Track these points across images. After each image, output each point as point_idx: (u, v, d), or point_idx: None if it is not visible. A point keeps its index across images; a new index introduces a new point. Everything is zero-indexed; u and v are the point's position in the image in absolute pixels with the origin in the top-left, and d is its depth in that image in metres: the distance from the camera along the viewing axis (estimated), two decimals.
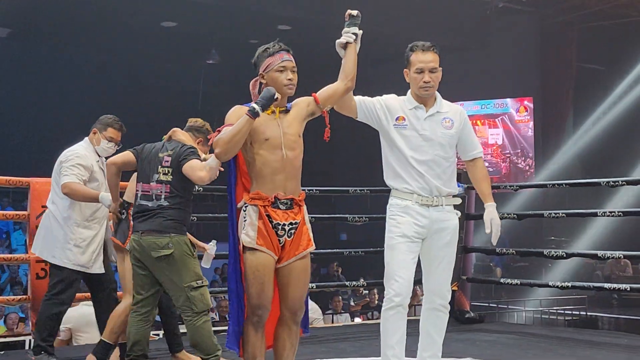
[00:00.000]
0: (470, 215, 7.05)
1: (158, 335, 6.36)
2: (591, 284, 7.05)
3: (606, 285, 6.95)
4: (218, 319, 9.85)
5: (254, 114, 3.44)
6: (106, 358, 4.68)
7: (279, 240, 3.54)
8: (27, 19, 13.38)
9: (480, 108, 16.63)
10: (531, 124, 16.16)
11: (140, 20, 13.77)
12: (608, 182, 6.42)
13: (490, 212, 3.88)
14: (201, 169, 4.05)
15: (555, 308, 10.76)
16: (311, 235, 3.65)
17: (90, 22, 13.55)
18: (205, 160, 4.13)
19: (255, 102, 3.48)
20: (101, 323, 4.86)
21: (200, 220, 6.51)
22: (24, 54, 15.04)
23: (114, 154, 4.88)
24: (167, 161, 4.28)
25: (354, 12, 3.76)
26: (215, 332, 6.75)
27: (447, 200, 3.87)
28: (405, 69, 3.93)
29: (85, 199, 4.71)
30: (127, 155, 4.47)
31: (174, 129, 4.60)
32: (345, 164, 17.95)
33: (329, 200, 15.42)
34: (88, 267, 4.75)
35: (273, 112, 3.57)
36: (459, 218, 3.97)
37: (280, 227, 3.53)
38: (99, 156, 5.03)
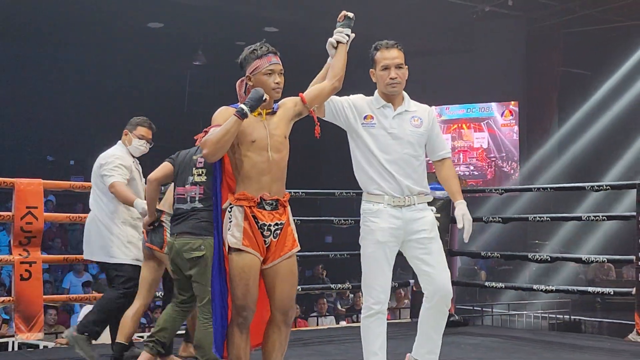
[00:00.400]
0: (455, 219, 7.06)
1: (142, 337, 6.33)
2: (575, 288, 7.09)
3: (590, 289, 6.99)
4: None
5: (242, 115, 3.44)
6: (122, 358, 4.74)
7: (265, 241, 3.54)
8: (11, 19, 13.30)
9: (466, 112, 16.68)
10: (516, 127, 16.21)
11: (126, 21, 13.71)
12: (592, 186, 6.46)
13: (461, 209, 3.84)
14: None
15: (539, 311, 10.81)
16: (296, 236, 3.65)
17: (75, 22, 13.49)
18: None
19: (244, 103, 3.48)
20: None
21: None
22: (7, 55, 14.96)
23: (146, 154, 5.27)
24: (201, 162, 4.37)
25: (350, 14, 3.78)
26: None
27: (419, 199, 3.84)
28: (371, 70, 3.92)
29: (125, 201, 4.82)
30: (166, 166, 4.59)
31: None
32: (331, 167, 17.95)
33: (314, 203, 15.42)
34: (142, 261, 4.85)
35: (260, 113, 3.57)
36: (442, 221, 3.97)
37: (266, 227, 3.53)
38: (133, 157, 5.21)
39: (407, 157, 3.82)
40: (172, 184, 4.58)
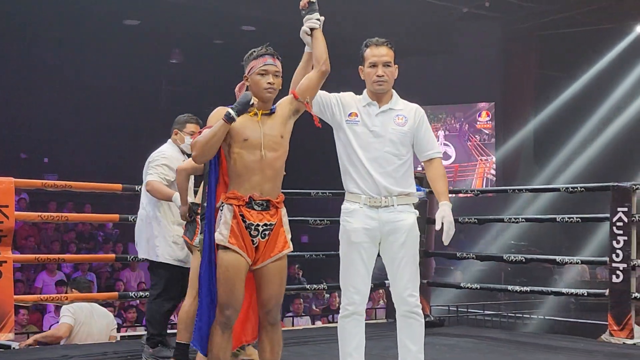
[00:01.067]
0: (431, 219, 7.06)
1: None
2: (549, 289, 7.12)
3: (564, 290, 7.01)
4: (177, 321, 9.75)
5: (229, 119, 3.47)
6: (186, 358, 4.77)
7: (252, 241, 3.53)
8: None
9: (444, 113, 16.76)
10: (493, 129, 16.30)
11: (102, 18, 13.61)
12: (567, 188, 6.49)
13: (444, 210, 3.74)
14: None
15: (513, 312, 10.85)
16: (288, 237, 3.65)
17: (50, 18, 13.38)
18: None
19: (231, 107, 3.49)
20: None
21: None
22: None
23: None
24: None
25: None
26: (174, 334, 6.71)
27: (400, 200, 3.77)
28: (360, 66, 3.88)
29: (163, 197, 4.86)
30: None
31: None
32: (307, 166, 17.93)
33: (290, 203, 15.37)
34: (185, 262, 4.86)
35: (255, 114, 3.58)
36: (419, 221, 3.90)
37: (253, 227, 3.53)
38: (185, 155, 5.17)
39: (387, 156, 3.76)
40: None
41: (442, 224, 3.72)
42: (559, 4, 14.78)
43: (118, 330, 8.59)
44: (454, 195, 5.80)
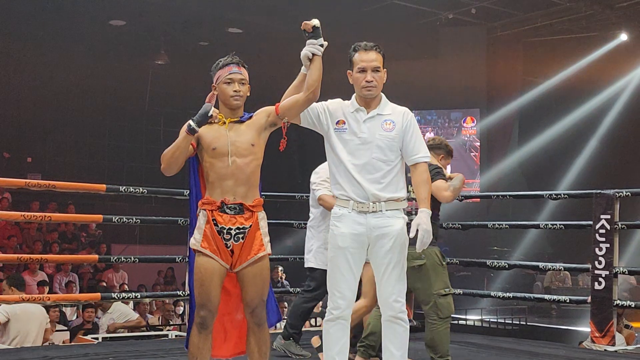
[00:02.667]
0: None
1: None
2: (531, 295, 7.15)
3: (546, 296, 7.05)
4: (160, 323, 9.72)
5: (189, 130, 3.58)
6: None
7: (226, 245, 3.60)
8: None
9: (429, 118, 16.78)
10: (477, 135, 16.35)
11: (88, 18, 13.55)
12: (551, 194, 6.53)
13: (420, 217, 3.71)
14: (446, 189, 4.61)
15: (495, 317, 10.87)
16: (265, 240, 3.70)
17: (35, 17, 13.28)
18: (450, 178, 4.71)
19: (192, 119, 3.59)
20: None
21: (143, 223, 6.41)
22: None
23: None
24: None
25: (317, 23, 3.72)
26: (157, 336, 6.70)
27: (388, 206, 3.74)
28: (348, 70, 3.86)
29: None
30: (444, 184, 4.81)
31: None
32: (292, 170, 17.91)
33: (274, 206, 15.37)
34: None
35: (224, 122, 3.67)
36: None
37: (225, 231, 3.59)
38: None
39: (375, 162, 3.74)
40: None
41: (417, 231, 3.70)
42: (543, 11, 14.85)
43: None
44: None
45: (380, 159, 3.76)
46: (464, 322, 10.82)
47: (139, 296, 7.15)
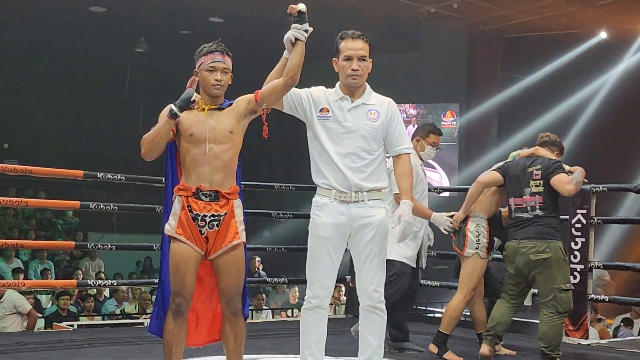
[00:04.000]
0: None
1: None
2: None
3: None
4: (137, 311, 9.70)
5: (172, 115, 3.55)
6: (445, 345, 5.22)
7: (200, 232, 3.58)
8: None
9: (411, 112, 16.82)
10: (457, 129, 16.42)
11: (67, 3, 13.43)
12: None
13: (403, 209, 3.73)
14: (568, 183, 4.74)
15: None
16: (240, 228, 3.66)
17: (13, 3, 13.14)
18: (570, 172, 4.83)
19: (174, 103, 3.56)
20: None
21: (120, 211, 6.39)
22: None
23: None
24: (537, 175, 4.86)
25: (303, 7, 3.69)
26: (132, 324, 6.69)
27: (371, 195, 3.74)
28: (334, 58, 3.84)
29: (421, 215, 5.14)
30: (494, 175, 5.11)
31: (536, 147, 5.12)
32: (271, 160, 17.91)
33: (253, 195, 15.36)
34: (412, 261, 5.10)
35: (203, 109, 3.64)
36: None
37: (200, 218, 3.58)
38: (422, 160, 5.42)
39: (358, 151, 3.73)
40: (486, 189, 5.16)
41: (399, 222, 3.72)
42: (524, 8, 14.92)
43: (77, 319, 8.55)
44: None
45: (364, 148, 3.75)
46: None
47: (115, 284, 7.10)
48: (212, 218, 3.58)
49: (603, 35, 15.08)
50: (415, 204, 4.60)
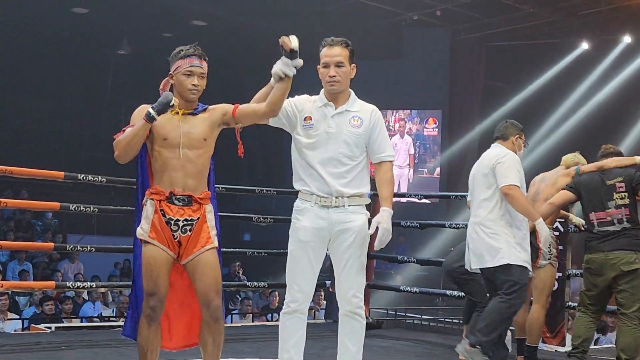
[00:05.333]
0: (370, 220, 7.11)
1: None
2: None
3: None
4: (114, 315, 9.66)
5: (149, 119, 3.50)
6: (537, 358, 5.25)
7: (173, 236, 3.57)
8: None
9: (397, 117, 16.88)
10: (439, 136, 16.48)
11: (49, 4, 13.36)
12: None
13: (382, 216, 3.71)
14: None
15: (450, 317, 10.97)
16: (212, 233, 3.63)
17: None
18: None
19: (152, 107, 3.53)
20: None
21: (100, 212, 6.37)
22: None
23: None
24: (621, 187, 4.91)
25: (296, 45, 3.50)
26: (111, 327, 6.66)
27: (351, 201, 3.75)
28: (318, 66, 3.85)
29: (524, 211, 4.72)
30: (567, 194, 5.09)
31: (606, 160, 5.08)
32: (253, 164, 17.88)
33: (234, 199, 15.34)
34: (529, 264, 4.79)
35: (177, 112, 3.61)
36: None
37: (173, 222, 3.56)
38: None
39: (340, 157, 3.74)
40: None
41: (377, 229, 3.70)
42: (507, 16, 15.02)
43: (57, 321, 8.50)
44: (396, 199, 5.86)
45: (346, 154, 3.76)
46: (419, 321, 10.93)
47: (94, 286, 7.06)
48: (185, 222, 3.57)
49: (585, 45, 15.20)
50: (526, 205, 4.68)
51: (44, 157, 14.75)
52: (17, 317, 8.88)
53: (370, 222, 3.80)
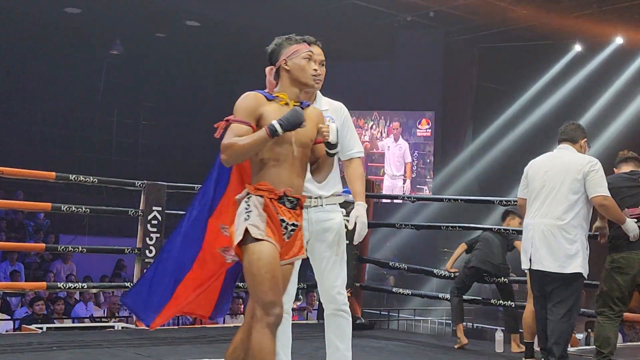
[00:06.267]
0: (367, 223, 7.10)
1: None
2: (479, 298, 7.22)
3: (492, 300, 7.13)
4: (105, 315, 9.64)
5: (273, 134, 3.08)
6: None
7: (283, 237, 3.22)
8: None
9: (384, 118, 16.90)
10: (432, 137, 16.51)
11: (42, 4, 13.33)
12: (501, 201, 6.59)
13: (358, 210, 3.70)
14: None
15: (443, 318, 11.02)
16: (303, 242, 3.34)
17: None
18: None
19: (278, 122, 3.08)
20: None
21: (92, 213, 6.36)
22: None
23: None
24: None
25: (334, 137, 3.27)
26: (102, 327, 6.64)
27: (328, 201, 3.76)
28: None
29: (617, 218, 4.78)
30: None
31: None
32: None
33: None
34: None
35: (287, 103, 3.24)
36: (348, 223, 3.81)
37: (284, 224, 3.20)
38: None
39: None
40: None
41: (355, 223, 3.70)
42: (499, 18, 15.06)
43: (48, 322, 8.47)
44: (390, 201, 5.83)
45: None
46: (412, 321, 10.98)
47: (85, 286, 7.05)
48: (292, 227, 3.22)
49: (577, 47, 15.27)
50: (619, 212, 4.71)
51: (35, 158, 14.73)
52: (9, 317, 8.85)
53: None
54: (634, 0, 13.44)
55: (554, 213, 4.72)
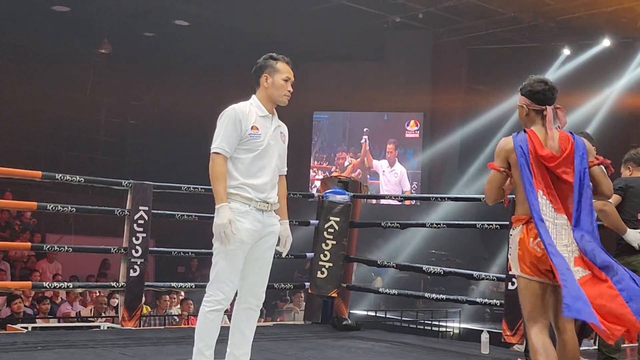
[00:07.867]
0: (354, 223, 7.12)
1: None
2: (465, 298, 7.23)
3: (479, 299, 7.15)
4: (92, 315, 9.59)
5: None
6: None
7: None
8: None
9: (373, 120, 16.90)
10: (421, 138, 16.52)
11: (30, 2, 13.26)
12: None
13: (287, 228, 4.16)
14: None
15: (431, 319, 11.01)
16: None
17: None
18: None
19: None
20: None
21: (79, 212, 6.33)
22: None
23: None
24: None
25: None
26: (88, 327, 6.58)
27: (274, 207, 4.08)
28: (265, 74, 4.03)
29: (615, 226, 4.91)
30: (617, 197, 4.97)
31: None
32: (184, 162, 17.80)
33: (161, 196, 15.25)
34: None
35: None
36: (341, 225, 3.99)
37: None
38: None
39: (275, 169, 4.04)
40: None
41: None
42: (488, 20, 15.10)
43: (32, 321, 8.43)
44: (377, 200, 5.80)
45: (278, 166, 4.09)
46: (398, 323, 10.95)
47: (71, 286, 7.01)
48: None
49: (566, 51, 15.34)
50: (614, 215, 4.83)
51: (21, 157, 14.66)
52: None
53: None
54: (620, 4, 13.52)
55: None
